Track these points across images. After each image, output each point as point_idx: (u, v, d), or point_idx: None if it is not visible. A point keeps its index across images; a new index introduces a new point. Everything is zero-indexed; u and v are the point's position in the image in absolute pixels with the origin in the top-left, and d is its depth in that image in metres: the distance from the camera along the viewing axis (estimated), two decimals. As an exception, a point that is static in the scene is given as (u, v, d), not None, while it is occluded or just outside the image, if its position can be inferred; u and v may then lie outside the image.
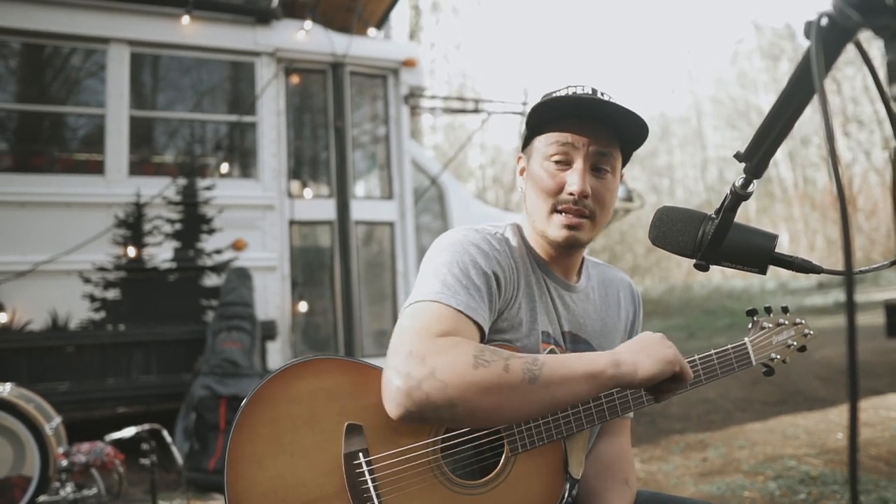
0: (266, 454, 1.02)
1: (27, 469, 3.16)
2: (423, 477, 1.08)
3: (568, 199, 1.20)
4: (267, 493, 1.01)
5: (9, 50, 4.68)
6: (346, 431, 1.05)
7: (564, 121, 1.21)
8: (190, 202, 4.71)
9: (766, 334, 1.35)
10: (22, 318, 4.26)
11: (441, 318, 1.07)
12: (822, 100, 0.54)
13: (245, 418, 1.02)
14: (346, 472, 1.04)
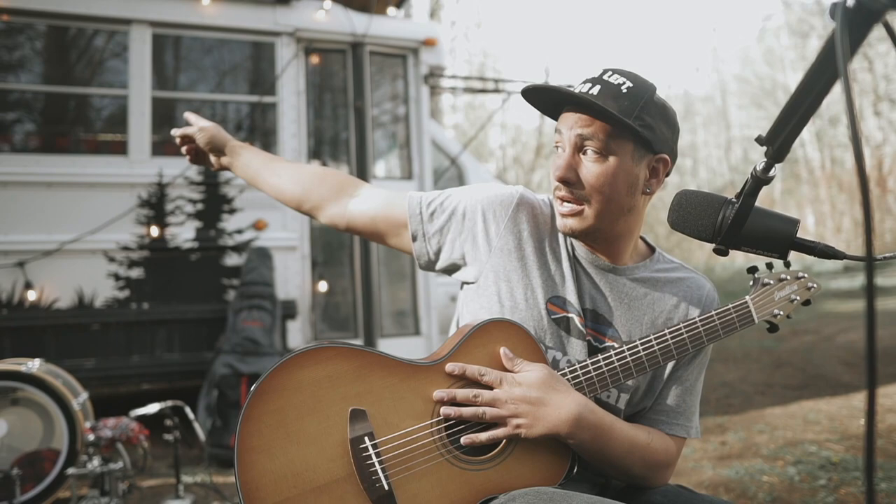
0: (274, 443, 1.04)
1: (56, 442, 3.25)
2: (429, 456, 1.10)
3: (556, 186, 1.22)
4: (278, 481, 1.03)
5: (34, 32, 4.72)
6: (351, 416, 1.07)
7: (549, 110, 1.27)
8: (211, 182, 4.75)
9: (767, 291, 1.30)
10: (49, 296, 4.34)
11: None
12: (846, 84, 0.53)
13: (251, 410, 1.05)
14: (353, 457, 1.06)
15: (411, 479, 1.08)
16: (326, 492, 1.04)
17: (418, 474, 1.08)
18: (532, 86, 1.21)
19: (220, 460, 4.07)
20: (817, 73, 0.70)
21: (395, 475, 1.07)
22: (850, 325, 8.77)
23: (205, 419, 4.21)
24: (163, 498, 3.38)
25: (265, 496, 1.02)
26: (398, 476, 1.07)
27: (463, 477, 1.10)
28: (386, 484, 1.06)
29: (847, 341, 7.50)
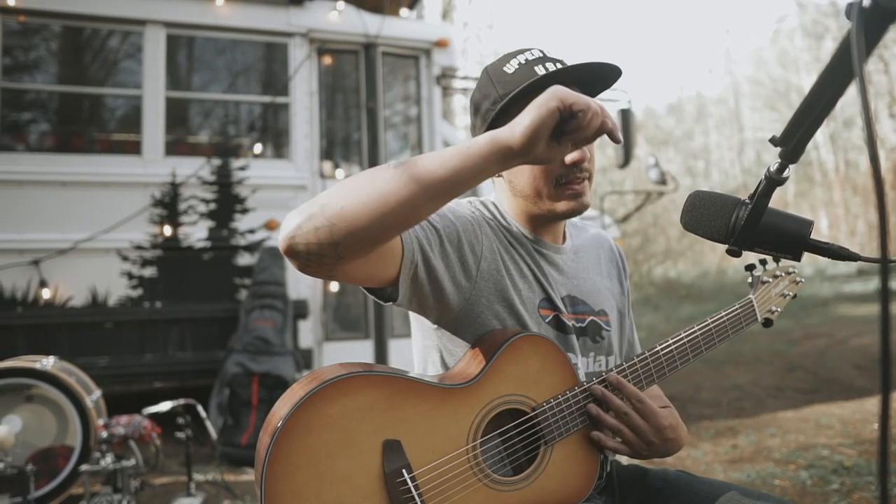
0: (305, 486, 0.96)
1: (70, 439, 3.28)
2: (467, 482, 1.07)
3: (567, 171, 1.20)
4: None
5: (50, 32, 4.77)
6: (385, 449, 1.01)
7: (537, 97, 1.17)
8: (224, 182, 4.78)
9: (766, 288, 1.38)
10: (64, 294, 4.39)
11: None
12: (862, 85, 0.53)
13: (278, 451, 0.96)
14: (389, 491, 1.00)
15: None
16: None
17: (455, 502, 1.05)
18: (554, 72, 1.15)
19: (231, 459, 4.10)
20: (832, 73, 0.70)
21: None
22: (863, 328, 8.69)
23: (216, 418, 4.24)
24: (174, 495, 3.40)
25: None
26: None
27: (499, 499, 1.09)
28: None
29: (860, 345, 7.44)
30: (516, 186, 1.25)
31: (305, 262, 0.93)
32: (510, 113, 1.14)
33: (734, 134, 31.36)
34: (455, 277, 1.15)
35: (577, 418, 1.16)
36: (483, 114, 1.23)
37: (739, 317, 1.32)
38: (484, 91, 1.24)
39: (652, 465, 1.34)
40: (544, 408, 1.14)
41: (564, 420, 1.15)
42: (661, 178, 6.86)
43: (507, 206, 1.31)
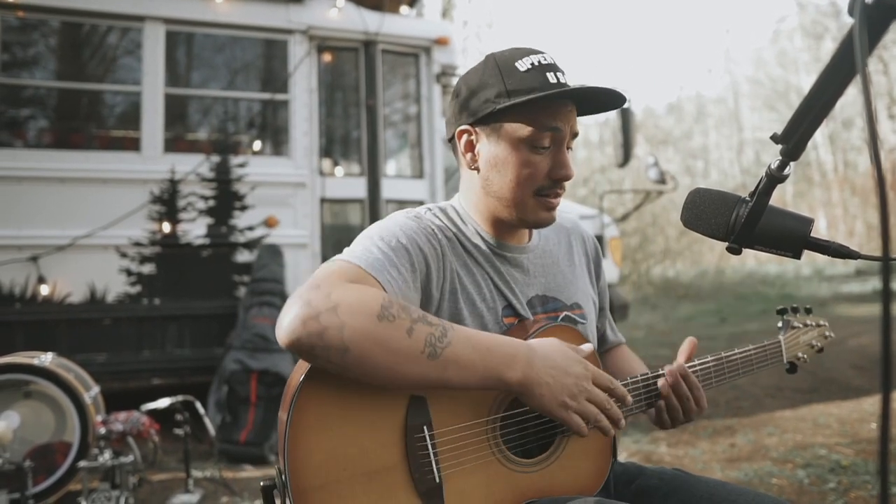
0: (331, 422, 0.98)
1: (68, 435, 3.28)
2: (481, 453, 1.08)
3: (550, 185, 1.19)
4: (328, 462, 0.97)
5: (48, 28, 4.76)
6: (410, 403, 1.03)
7: (547, 104, 1.15)
8: (223, 179, 4.78)
9: (795, 334, 1.42)
10: (62, 290, 4.38)
11: (354, 271, 1.04)
12: (864, 81, 0.53)
13: (310, 385, 0.98)
14: (407, 444, 1.02)
15: (460, 475, 1.06)
16: (376, 479, 0.99)
17: (468, 470, 1.06)
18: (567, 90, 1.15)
19: (229, 455, 4.10)
20: (834, 70, 0.70)
21: (447, 468, 1.04)
22: (861, 329, 8.70)
23: (215, 414, 4.24)
24: (172, 492, 3.40)
25: (313, 475, 0.96)
26: (449, 470, 1.05)
27: (510, 477, 1.10)
28: (437, 476, 1.03)
29: (858, 345, 7.45)
30: (493, 186, 1.21)
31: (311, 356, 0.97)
32: (510, 113, 1.15)
33: (733, 134, 31.38)
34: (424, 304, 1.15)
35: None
36: (479, 102, 1.18)
37: (766, 354, 1.37)
38: (487, 79, 1.18)
39: (648, 464, 1.35)
40: None
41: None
42: (661, 177, 6.87)
43: (473, 205, 1.26)
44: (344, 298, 0.95)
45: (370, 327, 0.94)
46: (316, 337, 0.92)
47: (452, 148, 1.29)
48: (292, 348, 0.94)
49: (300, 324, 0.92)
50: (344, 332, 0.92)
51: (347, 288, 0.97)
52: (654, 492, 1.25)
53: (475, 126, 1.20)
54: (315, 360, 0.95)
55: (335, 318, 0.93)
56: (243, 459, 4.09)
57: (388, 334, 0.95)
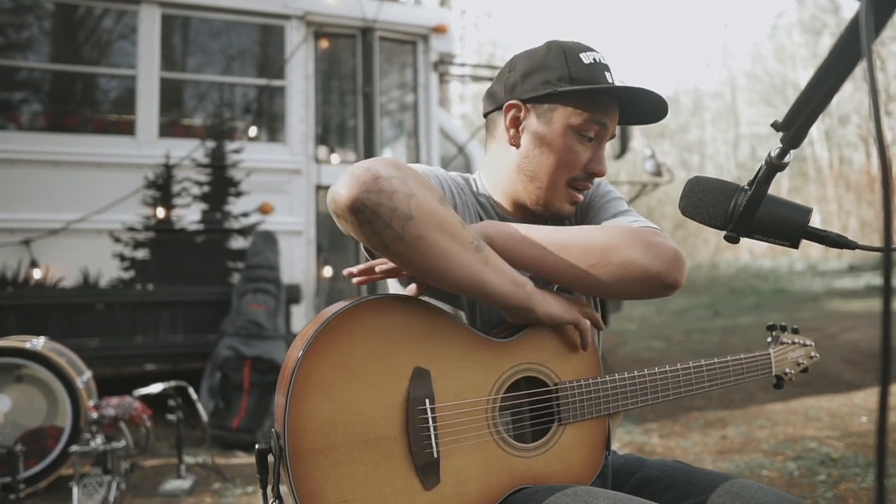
0: (334, 384, 0.98)
1: (60, 420, 3.27)
2: (479, 433, 1.08)
3: (585, 177, 1.21)
4: (328, 426, 0.96)
5: (43, 11, 4.71)
6: (413, 375, 1.03)
7: (601, 99, 1.18)
8: (218, 165, 4.75)
9: (784, 350, 1.46)
10: (55, 274, 4.36)
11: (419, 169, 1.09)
12: (870, 64, 0.52)
13: (318, 345, 0.97)
14: (408, 416, 1.01)
15: (458, 452, 1.06)
16: (374, 447, 0.99)
17: (465, 448, 1.06)
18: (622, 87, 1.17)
19: (222, 442, 4.10)
20: (838, 56, 0.69)
21: (445, 444, 1.04)
22: (853, 324, 8.74)
23: (208, 401, 4.23)
24: (164, 478, 3.40)
25: (312, 438, 0.95)
26: (447, 446, 1.04)
27: (506, 460, 1.10)
28: (435, 451, 1.03)
29: (850, 340, 7.49)
30: (531, 165, 1.21)
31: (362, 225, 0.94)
32: (569, 98, 1.18)
33: (730, 128, 31.39)
34: None
35: (595, 406, 1.18)
36: (538, 81, 1.18)
37: (756, 365, 1.39)
38: (550, 62, 1.18)
39: (649, 456, 1.35)
40: (566, 386, 1.16)
41: (583, 404, 1.17)
42: (657, 169, 6.86)
43: (498, 182, 1.27)
44: (413, 173, 0.96)
45: (435, 205, 0.96)
46: (386, 196, 0.91)
47: (488, 122, 1.29)
48: (356, 204, 0.91)
49: (372, 179, 0.91)
50: (412, 201, 0.93)
51: (413, 169, 0.99)
52: (655, 483, 1.25)
53: (527, 103, 1.20)
54: (375, 222, 0.92)
55: (406, 186, 0.93)
56: (236, 446, 4.09)
57: (447, 217, 0.98)
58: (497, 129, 1.26)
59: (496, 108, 1.25)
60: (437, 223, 0.96)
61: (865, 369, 5.88)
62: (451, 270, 0.99)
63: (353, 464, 0.97)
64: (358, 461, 0.98)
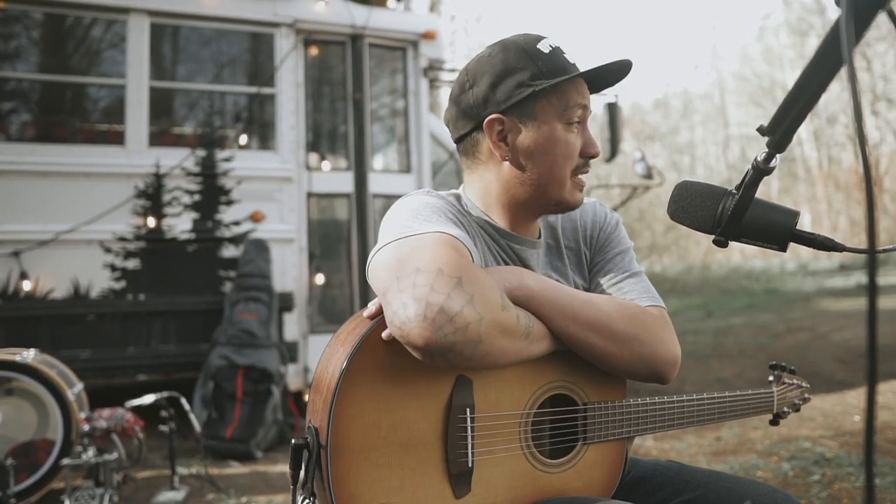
0: (380, 387, 0.97)
1: (51, 433, 3.24)
2: (510, 446, 1.08)
3: (583, 163, 1.18)
4: (371, 427, 0.96)
5: (31, 21, 4.69)
6: (457, 383, 1.02)
7: (575, 83, 1.15)
8: (209, 173, 4.74)
9: (785, 389, 1.51)
10: (45, 286, 4.33)
11: (454, 243, 0.99)
12: (851, 70, 0.52)
13: (365, 352, 0.97)
14: (448, 424, 1.01)
15: (489, 463, 1.06)
16: (412, 452, 0.99)
17: (496, 460, 1.06)
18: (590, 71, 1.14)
19: (215, 452, 4.07)
20: (821, 61, 0.70)
21: (480, 455, 1.04)
22: (845, 323, 8.79)
23: (200, 411, 4.21)
24: (158, 489, 3.38)
25: (354, 437, 0.95)
26: (481, 456, 1.04)
27: (532, 474, 1.10)
28: (470, 460, 1.02)
29: (842, 339, 7.52)
30: (532, 175, 1.16)
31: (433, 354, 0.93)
32: (547, 94, 1.13)
33: (719, 129, 31.55)
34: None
35: (619, 429, 1.18)
36: (510, 87, 1.13)
37: (760, 402, 1.42)
38: (514, 64, 1.13)
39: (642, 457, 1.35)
40: (595, 406, 1.15)
41: (608, 425, 1.17)
42: (647, 172, 6.89)
43: (493, 200, 1.20)
44: (475, 288, 0.93)
45: (498, 316, 0.95)
46: (461, 334, 0.90)
47: (465, 144, 1.21)
48: (430, 347, 0.89)
49: (447, 321, 0.89)
50: (481, 327, 0.92)
51: (472, 272, 0.95)
52: (649, 482, 1.26)
53: (506, 114, 1.14)
54: (448, 355, 0.91)
55: (475, 311, 0.91)
56: (229, 456, 4.07)
57: (507, 320, 0.97)
58: (479, 149, 1.19)
59: (471, 129, 1.18)
60: (500, 332, 0.96)
61: (857, 368, 5.91)
62: (505, 362, 1.00)
63: (390, 467, 0.98)
64: (395, 465, 0.98)
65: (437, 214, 1.08)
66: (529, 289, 1.06)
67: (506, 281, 1.04)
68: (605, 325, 1.09)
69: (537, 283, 1.08)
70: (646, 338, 1.12)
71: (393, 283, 0.94)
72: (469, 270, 0.95)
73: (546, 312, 1.06)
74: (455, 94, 1.20)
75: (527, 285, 1.06)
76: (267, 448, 4.25)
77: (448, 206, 1.15)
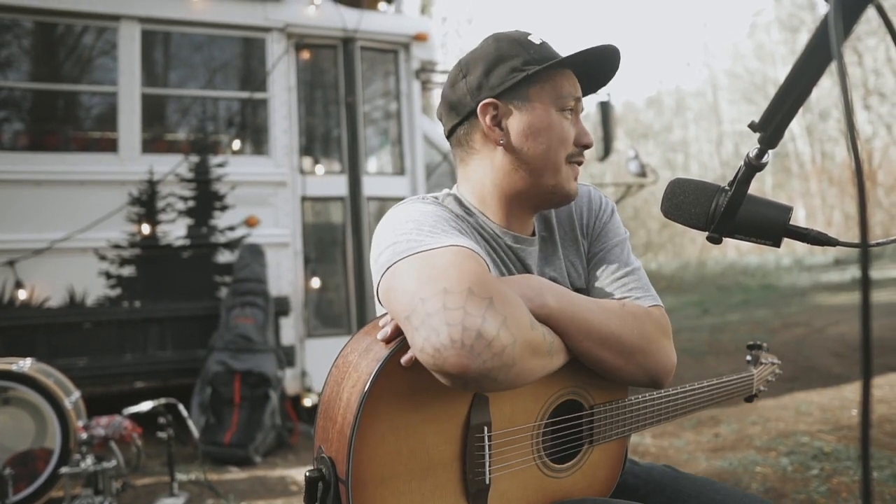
0: (401, 412, 0.95)
1: (49, 442, 3.23)
2: (524, 458, 1.08)
3: (577, 152, 1.18)
4: (392, 455, 0.93)
5: (21, 29, 4.68)
6: (473, 402, 1.00)
7: (566, 73, 1.16)
8: (203, 179, 4.73)
9: (763, 369, 1.57)
10: (40, 294, 4.31)
11: (473, 257, 0.95)
12: (840, 65, 0.53)
13: (385, 377, 0.93)
14: (466, 441, 0.99)
15: (505, 478, 1.05)
16: (430, 475, 0.97)
17: (512, 474, 1.06)
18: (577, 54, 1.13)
19: (214, 458, 4.06)
20: (810, 56, 0.70)
21: (496, 471, 1.03)
22: (840, 317, 8.82)
23: (198, 417, 4.20)
24: (157, 496, 3.37)
25: (375, 469, 0.92)
26: (498, 472, 1.04)
27: (543, 482, 1.11)
28: (488, 478, 1.01)
29: (838, 333, 7.55)
30: (527, 157, 1.15)
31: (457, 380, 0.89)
32: (540, 80, 1.14)
33: (712, 127, 31.65)
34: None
35: (622, 427, 1.19)
36: (503, 73, 1.14)
37: (742, 385, 1.47)
38: (506, 52, 1.15)
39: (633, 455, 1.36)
40: (602, 409, 1.15)
41: (613, 424, 1.17)
42: (641, 170, 6.91)
43: (487, 194, 1.19)
44: (507, 309, 0.90)
45: (528, 336, 0.93)
46: (497, 359, 0.86)
47: (458, 134, 1.21)
48: (468, 374, 0.86)
49: (485, 346, 0.85)
50: (515, 349, 0.89)
51: (501, 292, 0.91)
52: (643, 489, 1.26)
53: (501, 98, 1.14)
54: (482, 381, 0.88)
55: (510, 335, 0.88)
56: (228, 461, 4.06)
57: (537, 342, 0.95)
58: (473, 138, 1.19)
59: (465, 116, 1.18)
60: (531, 353, 0.94)
61: (853, 362, 5.93)
62: (529, 381, 0.98)
63: (412, 494, 0.95)
64: (416, 491, 0.96)
65: (443, 224, 1.05)
66: (549, 306, 1.03)
67: (526, 299, 1.01)
68: (617, 339, 1.09)
69: (556, 299, 1.05)
70: (649, 349, 1.12)
71: (417, 305, 0.88)
72: (498, 289, 0.91)
73: (563, 328, 1.04)
74: (448, 86, 1.21)
75: (547, 303, 1.03)
76: (265, 453, 4.24)
77: (448, 213, 1.13)
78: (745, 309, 11.61)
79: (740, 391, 1.46)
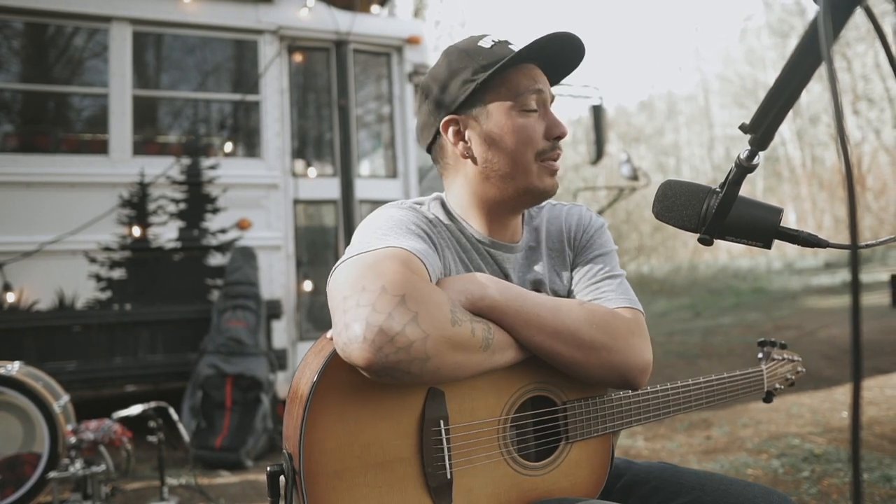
0: (350, 407, 0.96)
1: (37, 446, 3.20)
2: (490, 453, 1.08)
3: (550, 146, 1.17)
4: (342, 448, 0.95)
5: (11, 30, 4.65)
6: (428, 396, 1.01)
7: (521, 69, 1.16)
8: (194, 182, 4.71)
9: (775, 365, 1.49)
10: (29, 297, 4.28)
11: (406, 258, 0.98)
12: (830, 67, 0.53)
13: (332, 371, 0.96)
14: (422, 438, 1.00)
15: (470, 473, 1.05)
16: (388, 469, 0.98)
17: (477, 469, 1.06)
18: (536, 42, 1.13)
19: (204, 462, 4.04)
20: (800, 58, 0.70)
21: (458, 465, 1.04)
22: (831, 320, 8.86)
23: (189, 420, 4.17)
24: (147, 500, 3.34)
25: (328, 461, 0.94)
26: (460, 467, 1.04)
27: (515, 479, 1.10)
28: (449, 472, 1.02)
29: (829, 336, 7.58)
30: (494, 166, 1.17)
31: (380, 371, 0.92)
32: (492, 86, 1.15)
33: (704, 130, 31.80)
34: None
35: (601, 424, 1.18)
36: (456, 88, 1.16)
37: (750, 382, 1.42)
38: (456, 66, 1.17)
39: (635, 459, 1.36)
40: (574, 405, 1.15)
41: (590, 422, 1.16)
42: (633, 174, 6.93)
43: (467, 200, 1.22)
44: (420, 306, 0.91)
45: (448, 333, 0.94)
46: (404, 353, 0.89)
47: (434, 153, 1.26)
48: (373, 367, 0.89)
49: (387, 341, 0.88)
50: (427, 344, 0.90)
51: (419, 290, 0.93)
52: (644, 485, 1.25)
53: (459, 113, 1.18)
54: (394, 373, 0.90)
55: (419, 329, 0.90)
56: (219, 465, 4.04)
57: (460, 338, 0.96)
58: (446, 153, 1.23)
59: (433, 137, 1.23)
60: (452, 347, 0.94)
61: (844, 364, 5.96)
62: (465, 375, 1.00)
63: (367, 486, 0.97)
64: (372, 484, 0.97)
65: (398, 228, 1.08)
66: (493, 299, 1.04)
67: (467, 292, 1.03)
68: (572, 333, 1.08)
69: (501, 292, 1.06)
70: (614, 345, 1.11)
71: (340, 302, 0.93)
72: (414, 287, 0.93)
73: (511, 322, 1.05)
74: (416, 109, 1.27)
75: (490, 296, 1.04)
76: (257, 457, 4.22)
77: (415, 216, 1.15)
78: (737, 312, 11.66)
79: (747, 389, 1.42)
